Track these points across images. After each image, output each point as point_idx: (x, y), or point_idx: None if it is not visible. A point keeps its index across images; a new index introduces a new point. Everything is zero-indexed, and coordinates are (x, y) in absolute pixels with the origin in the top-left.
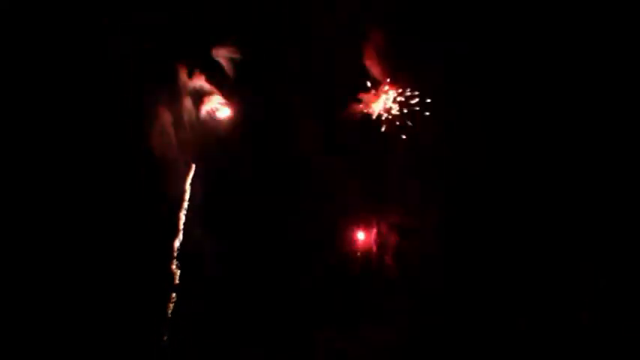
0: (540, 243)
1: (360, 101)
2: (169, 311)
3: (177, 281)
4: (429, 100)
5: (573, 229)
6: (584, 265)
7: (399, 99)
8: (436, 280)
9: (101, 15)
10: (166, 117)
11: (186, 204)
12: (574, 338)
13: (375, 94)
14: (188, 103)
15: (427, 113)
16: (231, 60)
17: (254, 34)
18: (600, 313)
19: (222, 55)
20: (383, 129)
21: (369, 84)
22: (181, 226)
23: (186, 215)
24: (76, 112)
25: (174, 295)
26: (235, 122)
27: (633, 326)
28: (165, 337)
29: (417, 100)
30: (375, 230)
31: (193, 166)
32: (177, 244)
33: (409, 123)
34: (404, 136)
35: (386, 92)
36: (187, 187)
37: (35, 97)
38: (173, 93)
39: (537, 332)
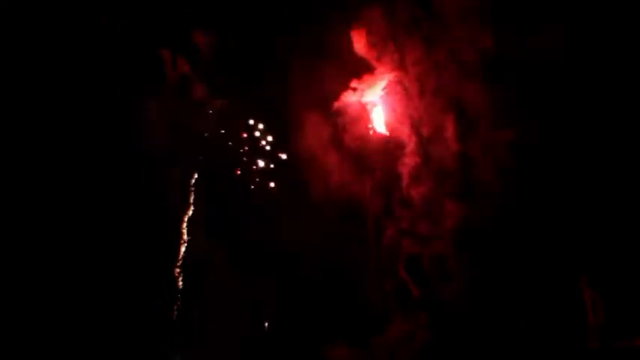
0: (540, 242)
1: (355, 89)
2: (173, 321)
3: (180, 291)
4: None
5: (573, 230)
6: (584, 266)
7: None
8: (447, 284)
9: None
10: (153, 112)
11: (185, 210)
12: (574, 338)
13: (370, 81)
14: (174, 95)
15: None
16: (217, 48)
17: (239, 20)
18: (601, 313)
19: (206, 43)
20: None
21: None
22: (184, 234)
23: (188, 223)
24: (63, 112)
25: (178, 305)
26: (225, 116)
27: (634, 326)
28: (167, 347)
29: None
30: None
31: (189, 169)
32: (179, 253)
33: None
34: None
35: (382, 79)
36: (183, 191)
37: (22, 98)
38: (157, 83)
39: (537, 332)
